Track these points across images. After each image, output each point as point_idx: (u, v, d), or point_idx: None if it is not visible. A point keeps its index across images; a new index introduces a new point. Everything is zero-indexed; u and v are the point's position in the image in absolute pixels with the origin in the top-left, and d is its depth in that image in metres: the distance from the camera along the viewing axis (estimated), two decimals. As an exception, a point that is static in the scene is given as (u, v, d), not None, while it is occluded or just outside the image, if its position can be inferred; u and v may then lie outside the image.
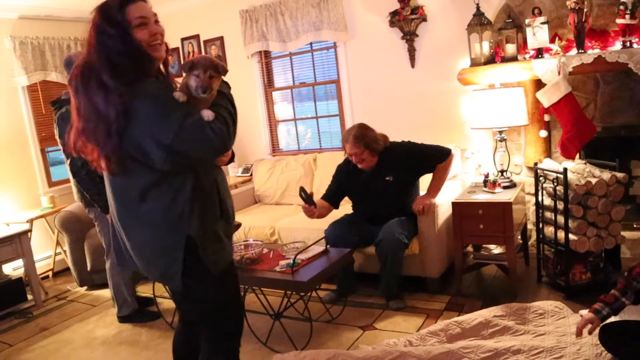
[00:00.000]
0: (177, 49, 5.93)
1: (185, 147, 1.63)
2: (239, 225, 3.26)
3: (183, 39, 5.86)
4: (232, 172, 5.49)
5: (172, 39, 5.92)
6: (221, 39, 5.58)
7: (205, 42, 5.70)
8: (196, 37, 5.77)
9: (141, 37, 1.69)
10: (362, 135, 3.49)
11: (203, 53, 5.74)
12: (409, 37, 4.39)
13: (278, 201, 4.91)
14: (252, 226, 4.31)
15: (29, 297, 4.31)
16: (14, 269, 4.59)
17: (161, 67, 1.85)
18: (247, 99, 5.52)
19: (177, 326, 2.36)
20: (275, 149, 5.58)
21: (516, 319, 2.87)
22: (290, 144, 5.56)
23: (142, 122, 1.62)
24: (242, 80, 5.51)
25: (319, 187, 4.63)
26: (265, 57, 5.40)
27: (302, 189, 3.39)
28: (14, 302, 4.19)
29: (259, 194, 5.06)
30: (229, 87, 1.91)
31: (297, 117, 5.44)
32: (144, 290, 4.19)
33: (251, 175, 5.30)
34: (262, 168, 5.11)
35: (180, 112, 1.63)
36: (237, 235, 4.10)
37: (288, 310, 3.19)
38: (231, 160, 2.06)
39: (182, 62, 5.95)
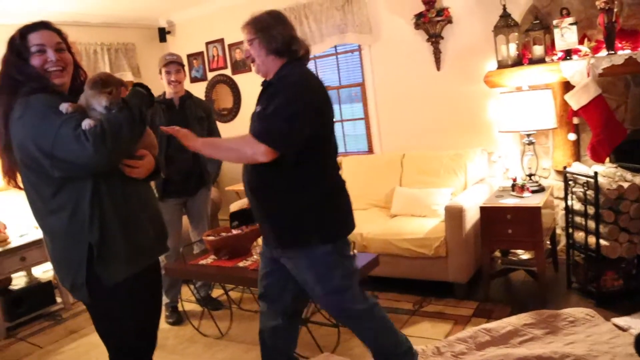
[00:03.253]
0: (201, 53, 6.00)
1: (64, 155, 1.65)
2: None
3: (208, 43, 5.92)
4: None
5: (197, 43, 5.99)
6: (246, 42, 5.60)
7: (230, 45, 5.75)
8: (220, 40, 5.82)
9: (35, 63, 1.79)
10: None
11: (228, 57, 5.79)
12: (435, 39, 4.36)
13: (303, 204, 4.91)
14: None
15: (58, 299, 4.39)
16: (43, 272, 4.69)
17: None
18: (272, 103, 5.54)
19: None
20: (299, 152, 5.59)
21: (546, 327, 2.84)
22: (315, 146, 5.56)
23: (27, 132, 1.68)
24: (267, 83, 5.53)
25: (344, 191, 4.64)
26: (290, 61, 5.41)
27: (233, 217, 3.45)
28: (43, 305, 4.27)
29: (284, 197, 5.07)
30: (142, 94, 1.90)
31: (321, 120, 5.43)
32: (172, 293, 4.25)
33: (276, 178, 5.31)
34: (287, 171, 5.11)
35: (58, 120, 1.66)
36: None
37: (315, 315, 3.21)
38: (153, 175, 1.99)
39: (206, 66, 6.02)
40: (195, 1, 5.54)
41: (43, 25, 1.85)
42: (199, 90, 6.05)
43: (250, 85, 5.67)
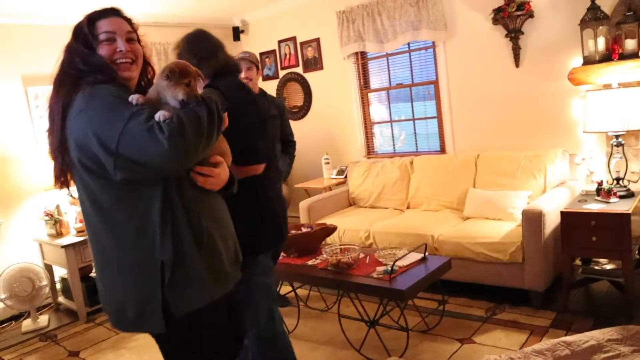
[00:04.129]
0: (273, 51, 6.06)
1: (132, 153, 1.40)
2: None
3: (280, 41, 5.98)
4: (327, 174, 5.52)
5: (269, 41, 6.07)
6: (317, 40, 5.62)
7: (302, 43, 5.77)
8: (293, 39, 5.86)
9: (103, 53, 1.60)
10: None
11: (299, 55, 5.82)
12: (514, 34, 4.16)
13: (373, 204, 4.86)
14: (346, 229, 4.30)
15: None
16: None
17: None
18: (343, 101, 5.53)
19: None
20: (370, 151, 5.54)
21: (634, 344, 2.63)
22: (385, 145, 5.49)
23: (89, 125, 1.45)
24: (338, 81, 5.52)
25: (416, 191, 4.55)
26: (362, 58, 5.37)
27: None
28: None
29: (354, 197, 5.04)
30: (218, 94, 1.66)
31: (393, 119, 5.36)
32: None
33: (346, 177, 5.30)
34: (357, 170, 5.08)
35: (126, 112, 1.42)
36: (332, 239, 4.11)
37: (383, 317, 3.15)
38: (229, 185, 1.75)
39: (279, 64, 6.07)
40: (268, 0, 5.60)
41: (113, 12, 1.66)
42: (270, 88, 6.13)
43: (321, 83, 5.69)
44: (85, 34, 1.60)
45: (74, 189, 1.65)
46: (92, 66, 1.57)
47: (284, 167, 3.87)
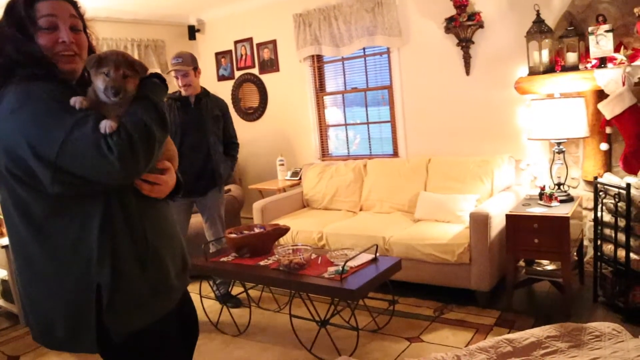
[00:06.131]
0: (230, 51, 6.03)
1: (74, 167, 1.24)
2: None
3: (236, 42, 5.95)
4: (281, 176, 5.53)
5: (225, 42, 6.03)
6: (274, 42, 5.63)
7: (258, 45, 5.77)
8: (249, 40, 5.85)
9: (42, 43, 1.37)
10: None
11: (255, 56, 5.81)
12: (465, 43, 4.31)
13: (326, 206, 4.91)
14: (299, 230, 4.32)
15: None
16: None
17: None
18: (298, 103, 5.56)
19: None
20: (324, 153, 5.59)
21: (570, 340, 2.76)
22: (339, 148, 5.55)
23: (22, 132, 1.26)
24: (294, 83, 5.55)
25: (369, 194, 4.62)
26: (318, 61, 5.41)
27: None
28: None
29: (308, 199, 5.07)
30: (163, 89, 1.47)
31: (347, 123, 5.43)
32: (191, 289, 4.27)
33: (300, 179, 5.33)
34: (312, 172, 5.12)
35: (70, 120, 1.25)
36: (285, 239, 4.13)
37: (334, 317, 3.19)
38: (175, 191, 1.60)
39: (234, 65, 6.05)
40: (225, 0, 5.58)
41: None
42: (225, 89, 6.10)
43: (277, 84, 5.70)
44: (21, 16, 1.36)
45: None
46: (28, 56, 1.35)
47: (225, 171, 3.82)
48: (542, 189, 3.53)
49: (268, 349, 3.22)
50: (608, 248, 3.27)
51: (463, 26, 4.22)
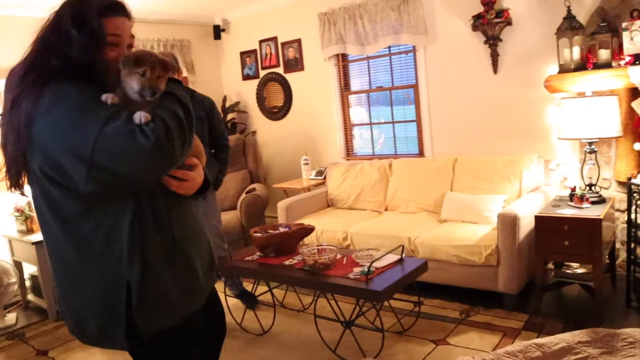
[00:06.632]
0: (254, 50, 6.05)
1: (109, 161, 1.24)
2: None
3: (261, 41, 5.96)
4: (306, 175, 5.52)
5: (250, 41, 6.05)
6: (299, 41, 5.62)
7: (283, 44, 5.77)
8: (274, 39, 5.85)
9: (111, 57, 1.40)
10: None
11: (280, 55, 5.81)
12: (493, 41, 4.23)
13: (351, 206, 4.88)
14: (324, 230, 4.31)
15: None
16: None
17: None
18: (323, 102, 5.54)
19: None
20: (349, 153, 5.56)
21: (603, 347, 2.68)
22: (364, 148, 5.52)
23: (56, 130, 1.27)
24: (319, 82, 5.54)
25: (394, 193, 4.58)
26: (343, 60, 5.38)
27: None
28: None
29: (332, 198, 5.05)
30: (185, 89, 1.52)
31: (372, 122, 5.39)
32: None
33: (324, 178, 5.31)
34: (336, 172, 5.10)
35: (103, 114, 1.25)
36: (309, 239, 4.11)
37: (359, 318, 3.16)
38: (203, 189, 1.59)
39: (259, 64, 6.06)
40: (250, 0, 5.60)
41: (122, 9, 1.44)
42: (250, 88, 6.13)
43: (302, 84, 5.69)
44: (93, 27, 1.35)
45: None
46: (97, 65, 1.37)
47: (210, 175, 3.71)
48: (573, 189, 3.45)
49: (292, 349, 3.21)
50: (642, 251, 3.18)
51: (491, 23, 4.14)
